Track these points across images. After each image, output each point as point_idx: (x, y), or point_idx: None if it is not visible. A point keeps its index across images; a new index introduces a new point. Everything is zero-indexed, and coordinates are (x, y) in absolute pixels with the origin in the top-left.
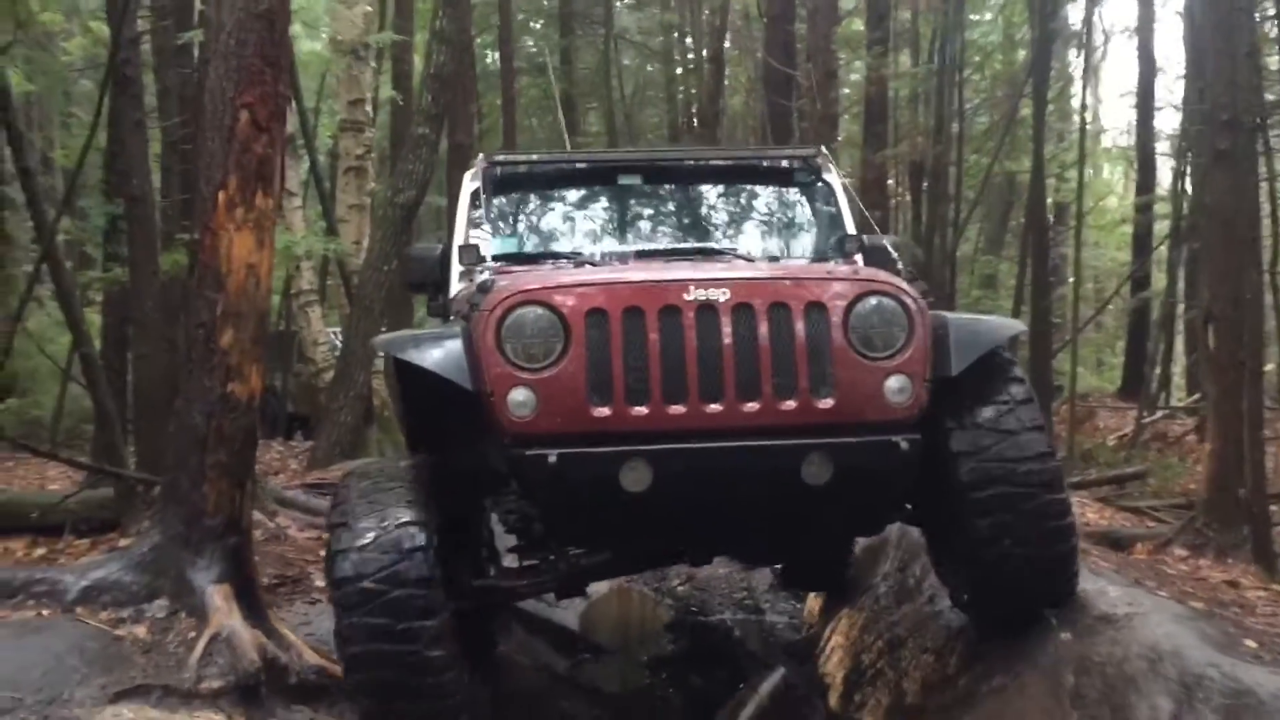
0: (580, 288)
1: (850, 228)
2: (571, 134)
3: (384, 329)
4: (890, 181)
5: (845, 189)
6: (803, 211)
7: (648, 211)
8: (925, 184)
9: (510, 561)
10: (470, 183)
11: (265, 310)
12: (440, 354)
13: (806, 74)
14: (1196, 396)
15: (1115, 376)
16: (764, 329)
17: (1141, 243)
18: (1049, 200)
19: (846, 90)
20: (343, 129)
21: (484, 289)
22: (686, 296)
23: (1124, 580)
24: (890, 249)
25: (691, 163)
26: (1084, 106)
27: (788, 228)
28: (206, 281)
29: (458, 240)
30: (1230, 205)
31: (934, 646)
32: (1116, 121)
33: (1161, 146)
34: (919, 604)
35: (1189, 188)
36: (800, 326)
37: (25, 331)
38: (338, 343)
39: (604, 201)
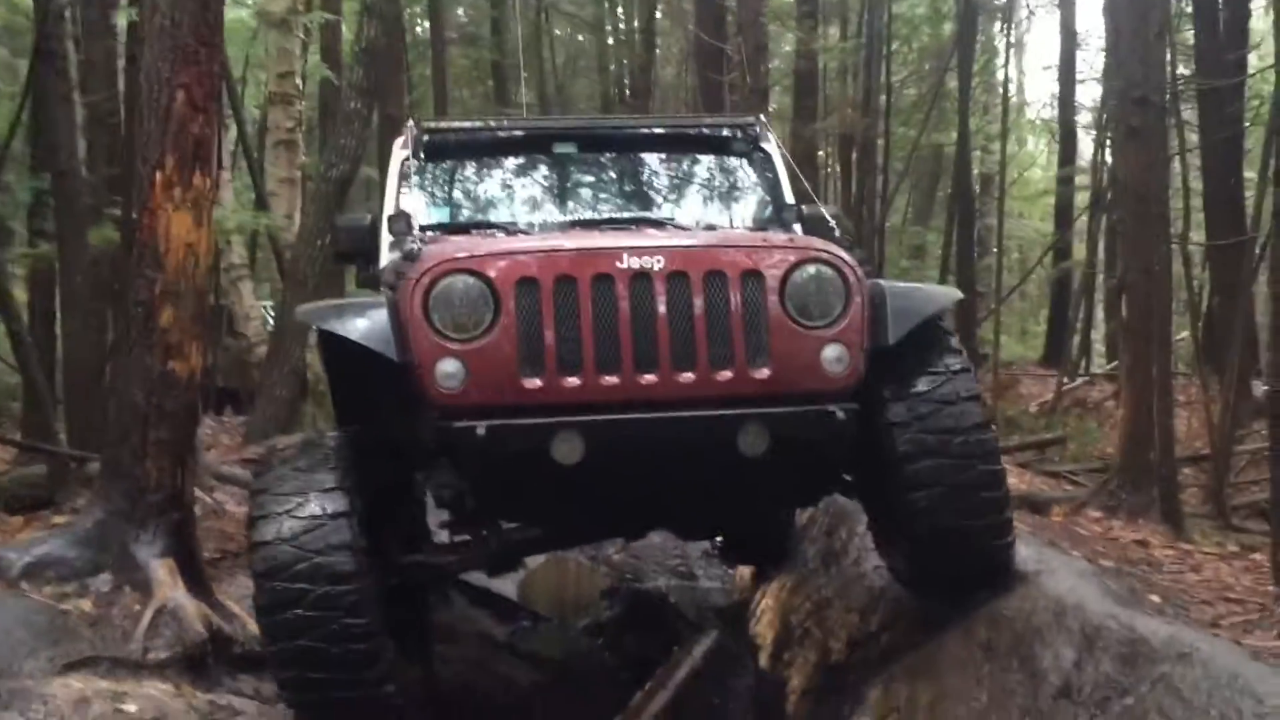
0: (510, 256)
1: (788, 197)
2: (503, 105)
3: None
4: (820, 154)
5: (783, 158)
6: (740, 180)
7: (583, 181)
8: (855, 156)
9: (442, 537)
10: (400, 151)
11: (204, 289)
12: (365, 324)
13: (737, 47)
14: (1114, 364)
15: (1038, 345)
16: (699, 298)
17: (1063, 214)
18: (975, 172)
19: (777, 62)
20: (272, 101)
21: (411, 258)
22: (620, 265)
23: (1038, 541)
24: (828, 218)
25: (628, 131)
26: (1007, 80)
27: (725, 197)
28: (145, 260)
29: (387, 210)
30: (1142, 180)
31: (858, 607)
32: (1040, 94)
33: (1084, 119)
34: (845, 567)
35: (1109, 160)
36: (736, 295)
37: None
38: (269, 317)
39: (538, 170)
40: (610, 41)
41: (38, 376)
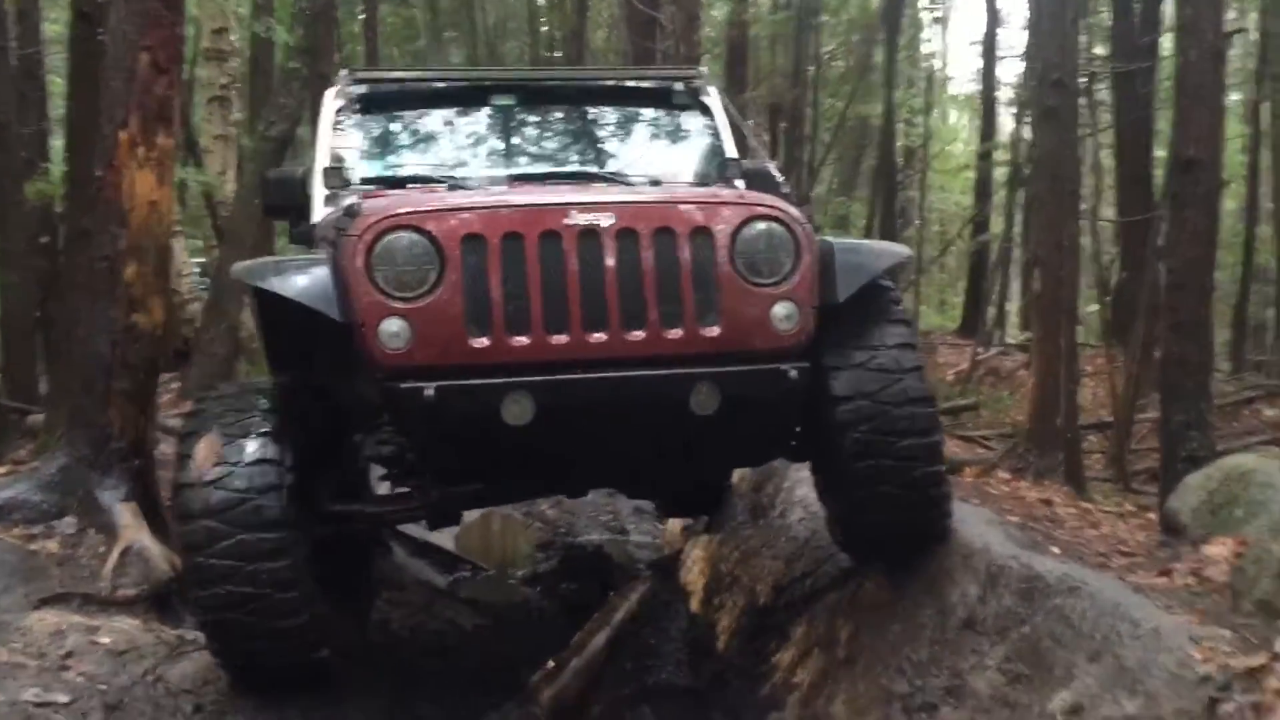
0: (456, 212)
1: (732, 151)
2: (435, 63)
3: None
4: (750, 122)
5: (727, 111)
6: (683, 134)
7: (524, 134)
8: (783, 126)
9: (383, 488)
10: (333, 101)
11: (167, 245)
12: (306, 282)
13: (670, 16)
14: (1027, 335)
15: (956, 315)
16: (649, 255)
17: (983, 188)
18: (899, 144)
19: (709, 30)
20: (206, 58)
21: (351, 213)
22: (567, 221)
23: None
24: (774, 172)
25: (569, 84)
26: (931, 55)
27: (668, 151)
28: (110, 217)
29: (320, 163)
30: (1056, 159)
31: (784, 555)
32: (965, 70)
33: (1005, 95)
34: (771, 519)
35: (1027, 136)
36: (686, 252)
37: None
38: (199, 274)
39: (478, 123)
40: (541, 2)
41: None
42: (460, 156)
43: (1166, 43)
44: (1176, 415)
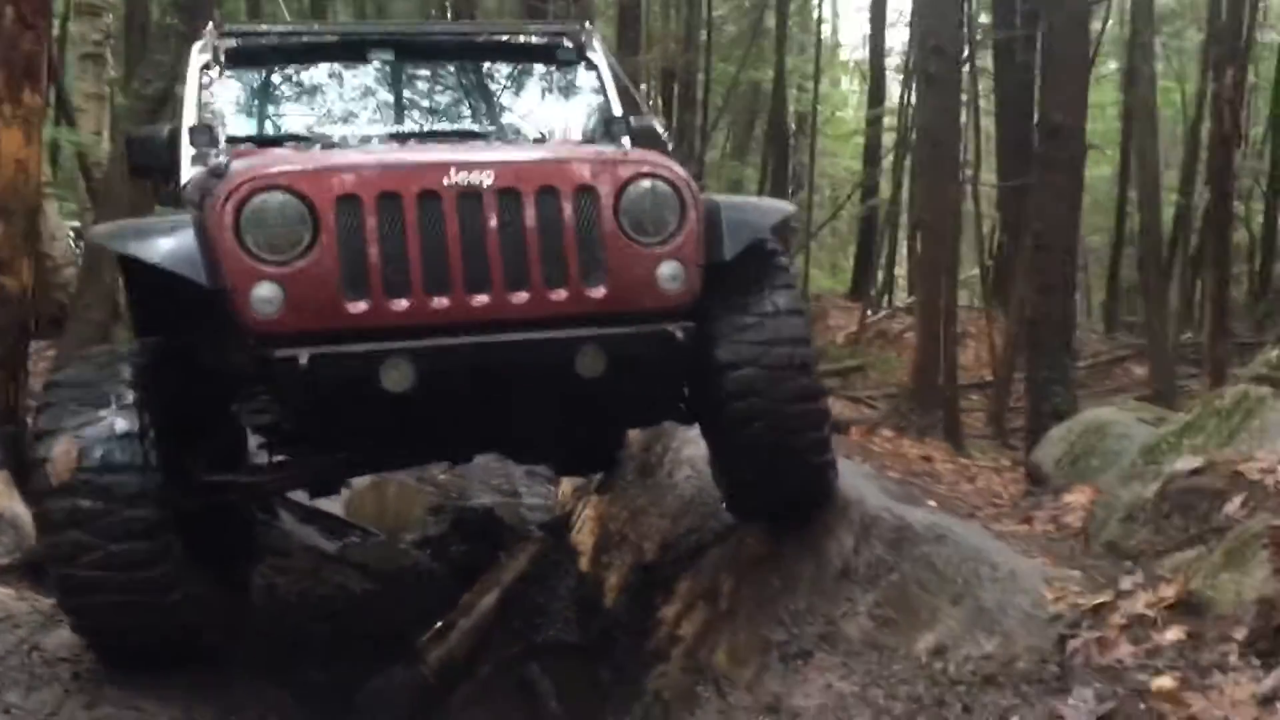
0: (330, 172)
1: (617, 109)
2: (319, 21)
3: None
4: (643, 87)
5: (611, 68)
6: (567, 91)
7: (402, 90)
8: (675, 91)
9: (261, 457)
10: (199, 55)
11: (36, 205)
12: (170, 247)
13: None
14: (914, 298)
15: (848, 279)
16: (531, 215)
17: (872, 153)
18: (790, 110)
19: None
20: (78, 13)
21: (218, 173)
22: (447, 181)
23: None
24: (659, 130)
25: (448, 39)
26: (819, 20)
27: (552, 108)
28: None
29: (187, 120)
30: (937, 124)
31: (670, 513)
32: (854, 37)
33: (894, 62)
34: (659, 479)
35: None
36: (569, 211)
37: None
38: (72, 238)
39: (353, 79)
40: None
41: None
42: (336, 114)
43: None
44: (1041, 372)
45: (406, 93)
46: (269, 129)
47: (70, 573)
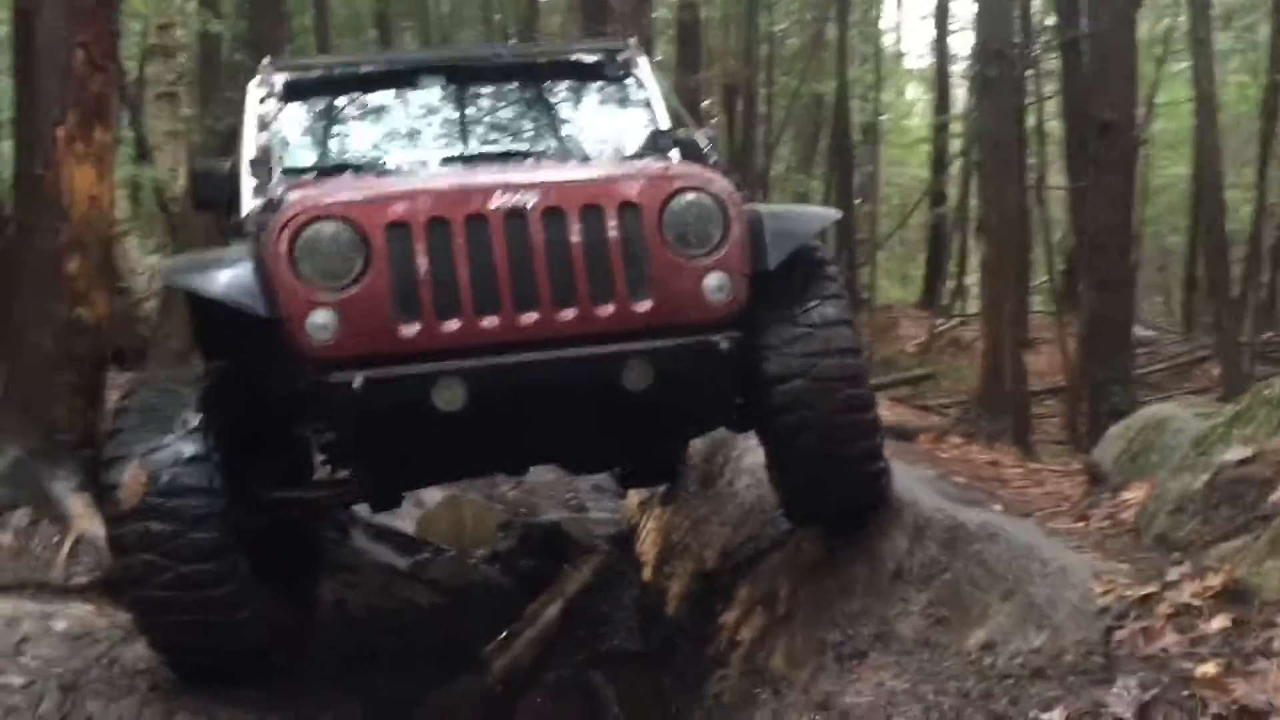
0: (379, 200)
1: (664, 122)
2: (388, 51)
3: None
4: (705, 103)
5: (657, 82)
6: (614, 107)
7: (452, 115)
8: (739, 106)
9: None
10: (257, 90)
11: (109, 239)
12: (228, 278)
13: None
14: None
15: (918, 288)
16: (576, 233)
17: (939, 160)
18: (856, 120)
19: (663, 12)
20: (152, 54)
21: (273, 205)
22: (493, 204)
23: (892, 458)
24: (703, 142)
25: (497, 61)
26: (881, 29)
27: (600, 125)
28: (50, 212)
29: (247, 154)
30: (997, 127)
31: (730, 521)
32: (920, 43)
33: (959, 67)
34: (720, 488)
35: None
36: (614, 228)
37: None
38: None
39: (406, 106)
40: None
41: None
42: (389, 141)
43: None
44: (1100, 371)
45: (458, 116)
46: (327, 159)
47: (143, 593)
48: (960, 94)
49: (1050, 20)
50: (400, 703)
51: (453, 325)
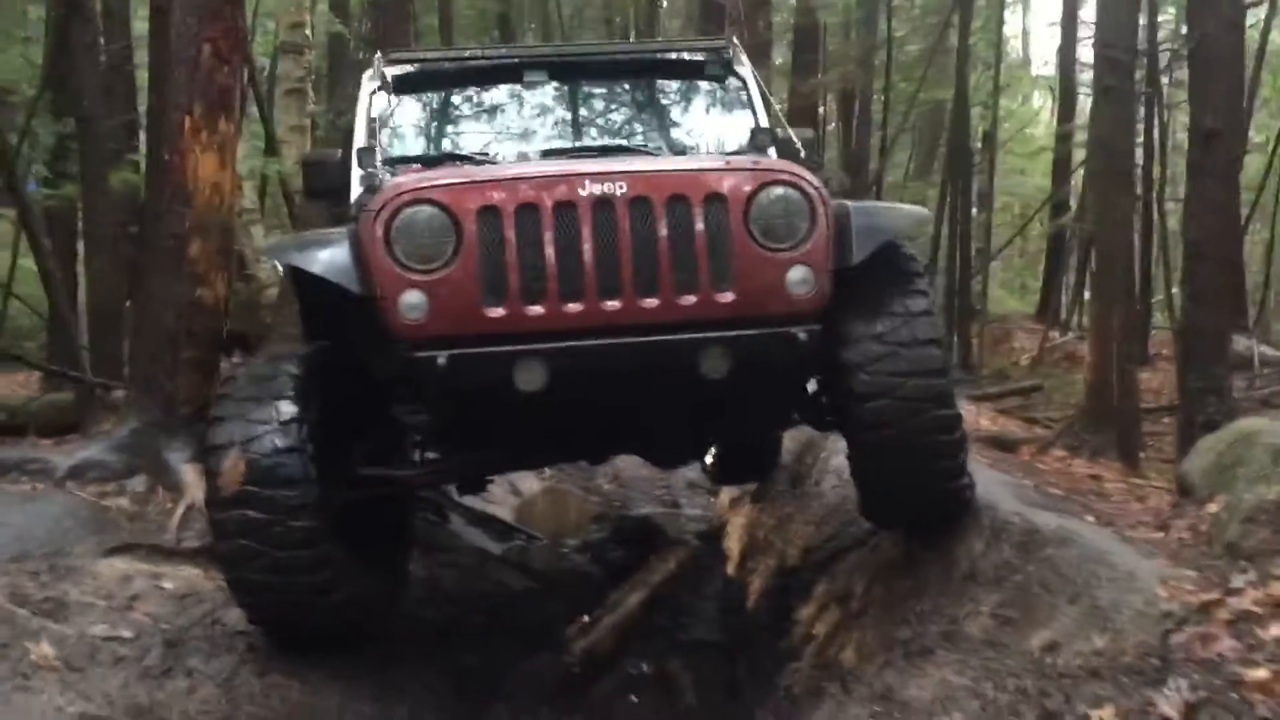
0: (472, 185)
1: (763, 120)
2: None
3: None
4: (823, 109)
5: (756, 80)
6: (714, 104)
7: (554, 109)
8: (855, 112)
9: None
10: (368, 83)
11: (230, 224)
12: (327, 257)
13: (736, 2)
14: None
15: (1036, 300)
16: (662, 223)
17: (1061, 170)
18: (979, 128)
19: (785, 16)
20: (283, 51)
21: (372, 190)
22: (582, 191)
23: (978, 463)
24: (795, 140)
25: (600, 58)
26: (1000, 36)
27: (699, 121)
28: (176, 198)
29: (356, 144)
30: (1111, 136)
31: (814, 520)
32: (1045, 51)
33: (1085, 76)
34: (807, 487)
35: None
36: (699, 219)
37: None
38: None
39: (508, 100)
40: None
41: (65, 309)
42: (492, 133)
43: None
44: (1194, 382)
45: (560, 111)
46: (430, 148)
47: (241, 574)
48: (1086, 102)
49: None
50: (484, 675)
51: (538, 309)
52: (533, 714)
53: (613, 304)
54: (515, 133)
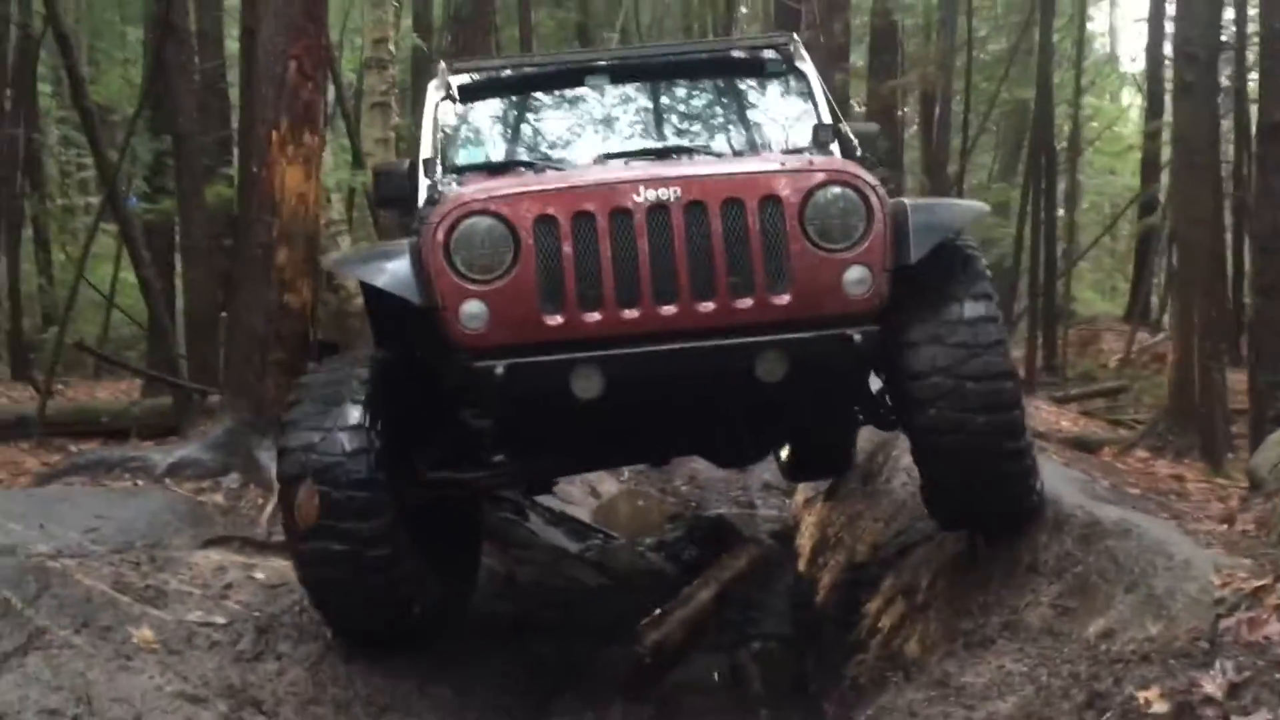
0: (528, 195)
1: (825, 116)
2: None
3: None
4: (905, 110)
5: (818, 77)
6: (775, 102)
7: (617, 112)
8: (936, 113)
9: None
10: (433, 93)
11: (315, 233)
12: (390, 270)
13: (811, 7)
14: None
15: (1126, 301)
16: (717, 227)
17: (1150, 169)
18: (1064, 128)
19: (865, 18)
20: (367, 66)
21: (433, 202)
22: (636, 198)
23: (1055, 462)
24: (852, 136)
25: (660, 59)
26: (1080, 36)
27: (760, 119)
28: (264, 208)
29: (423, 153)
30: (1191, 132)
31: (883, 516)
32: (1134, 47)
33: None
34: (878, 484)
35: None
36: (755, 222)
37: (69, 261)
38: None
39: (572, 104)
40: (696, 2)
41: (164, 317)
42: (555, 138)
43: None
44: (1265, 376)
45: (622, 113)
46: (494, 155)
47: (325, 598)
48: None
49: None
50: (558, 667)
51: (595, 316)
52: (604, 703)
53: (669, 309)
54: (578, 137)
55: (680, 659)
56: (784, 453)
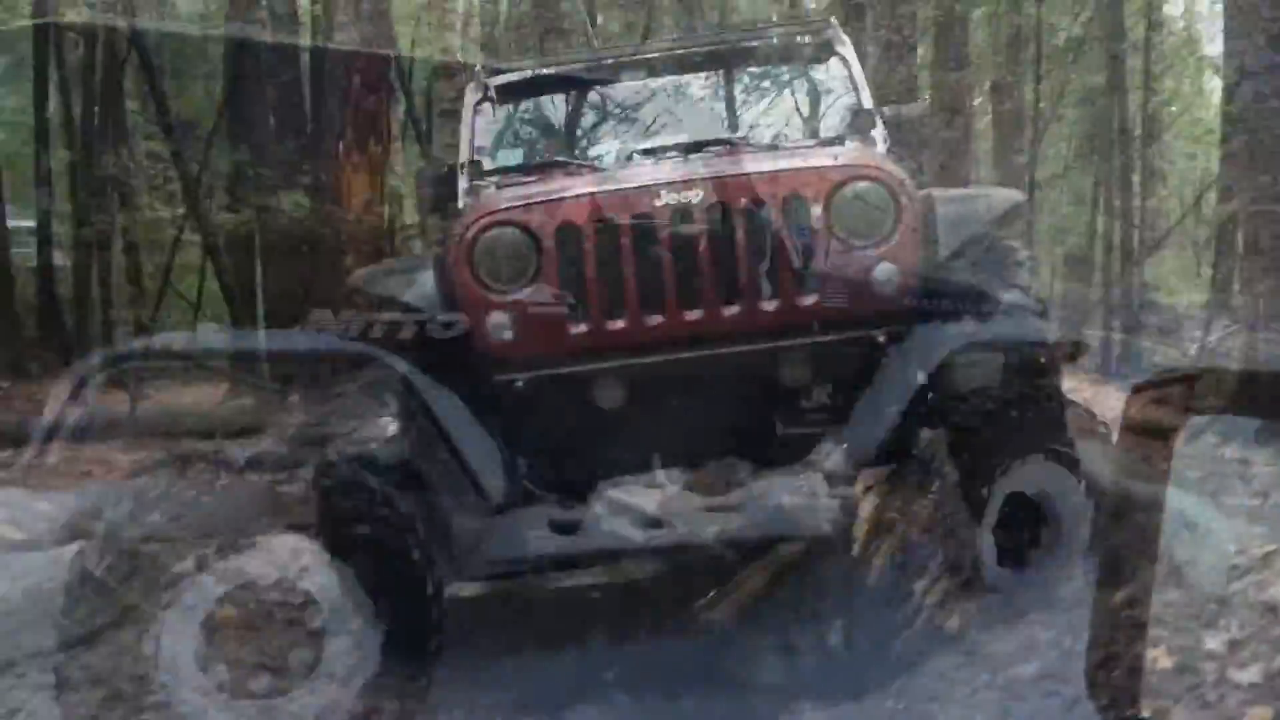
0: (550, 204)
1: (865, 101)
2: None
3: None
4: (973, 103)
5: (857, 62)
6: (816, 89)
7: (654, 106)
8: (1006, 104)
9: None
10: (471, 96)
11: (380, 235)
12: (412, 285)
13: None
14: None
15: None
16: (741, 229)
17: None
18: (1135, 113)
19: (931, 10)
20: (437, 75)
21: (460, 212)
22: (658, 203)
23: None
24: (882, 124)
25: (697, 50)
26: (1150, 19)
27: (801, 105)
28: (332, 215)
29: (462, 156)
30: (1256, 115)
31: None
32: (1213, 29)
33: None
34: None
35: None
36: (779, 221)
37: (157, 271)
38: None
39: (609, 101)
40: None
41: (245, 325)
42: (590, 136)
43: None
44: None
45: (661, 106)
46: (531, 156)
47: (334, 536)
48: None
49: None
50: (610, 644)
51: (619, 324)
52: (656, 679)
53: (694, 314)
54: (614, 133)
55: (733, 638)
56: None
